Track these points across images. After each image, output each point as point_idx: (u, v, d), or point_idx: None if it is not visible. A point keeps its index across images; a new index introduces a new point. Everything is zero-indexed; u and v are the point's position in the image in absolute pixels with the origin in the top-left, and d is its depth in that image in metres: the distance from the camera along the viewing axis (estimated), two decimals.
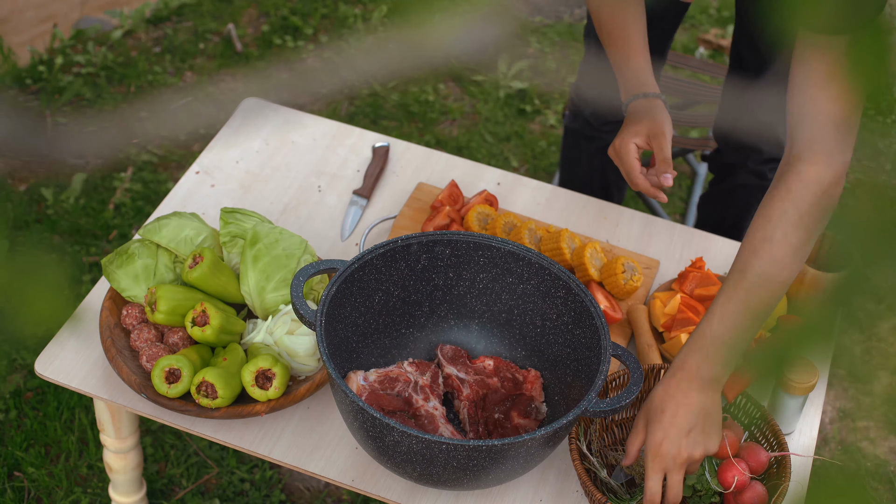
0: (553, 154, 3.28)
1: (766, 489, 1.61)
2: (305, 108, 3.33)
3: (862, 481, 2.48)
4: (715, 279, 1.86)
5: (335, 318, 1.62)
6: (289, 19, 3.65)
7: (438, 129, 3.33)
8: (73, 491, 2.35)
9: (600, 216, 2.08)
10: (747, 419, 1.70)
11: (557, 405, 1.69)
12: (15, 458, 2.40)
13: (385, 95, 3.41)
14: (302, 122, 2.22)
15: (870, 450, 2.57)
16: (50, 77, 3.36)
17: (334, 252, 1.98)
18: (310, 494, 2.39)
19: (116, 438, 1.89)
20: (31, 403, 2.50)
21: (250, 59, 3.51)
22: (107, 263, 1.78)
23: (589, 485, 1.56)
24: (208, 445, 2.44)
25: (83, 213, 2.96)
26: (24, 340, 2.61)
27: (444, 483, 1.53)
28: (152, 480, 2.37)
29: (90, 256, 2.84)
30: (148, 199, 3.01)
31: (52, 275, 0.76)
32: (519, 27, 3.71)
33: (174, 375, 1.63)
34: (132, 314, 1.76)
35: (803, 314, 0.90)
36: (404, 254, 1.69)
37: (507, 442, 1.44)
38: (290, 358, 1.70)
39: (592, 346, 1.60)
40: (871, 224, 0.68)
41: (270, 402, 1.65)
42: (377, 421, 1.45)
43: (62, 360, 1.77)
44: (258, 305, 1.76)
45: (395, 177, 2.13)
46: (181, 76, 3.43)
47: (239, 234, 1.81)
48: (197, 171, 2.10)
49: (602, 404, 1.52)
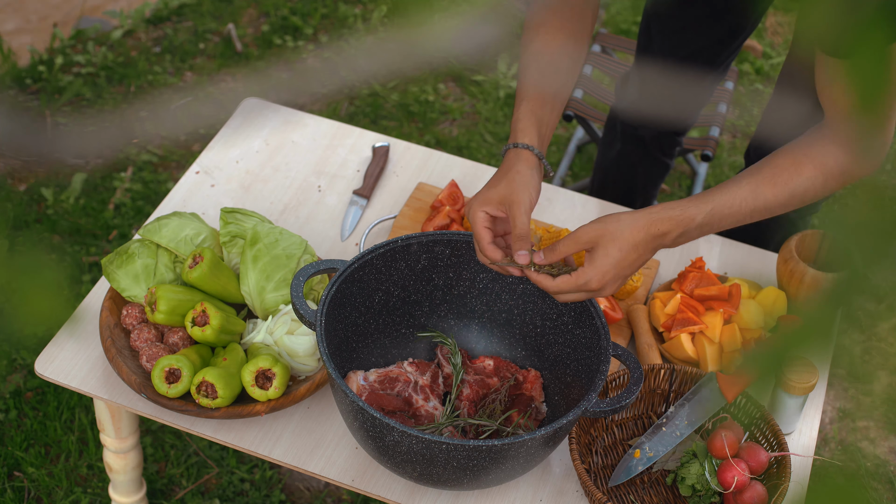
0: (553, 154, 3.28)
1: (766, 489, 1.61)
2: (305, 108, 3.33)
3: (862, 481, 2.48)
4: (715, 279, 1.87)
5: (335, 318, 1.62)
6: (289, 19, 3.65)
7: (438, 129, 3.33)
8: (73, 491, 2.35)
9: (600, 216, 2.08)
10: (747, 419, 1.70)
11: (557, 405, 1.69)
12: (15, 458, 2.40)
13: (385, 95, 3.41)
14: (302, 122, 2.22)
15: (870, 450, 2.57)
16: (50, 77, 3.36)
17: (334, 252, 1.98)
18: (310, 494, 2.38)
19: (116, 438, 1.89)
20: (31, 403, 2.50)
21: (250, 59, 3.51)
22: (107, 263, 1.78)
23: (589, 485, 1.56)
24: (208, 445, 2.44)
25: (83, 213, 2.96)
26: (24, 340, 2.61)
27: (444, 483, 1.53)
28: (152, 480, 2.37)
29: (90, 256, 2.84)
30: (148, 199, 3.01)
31: (52, 275, 0.76)
32: (519, 27, 3.71)
33: (174, 375, 1.63)
34: (132, 314, 1.76)
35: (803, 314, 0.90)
36: (404, 254, 1.69)
37: (507, 442, 1.44)
38: (290, 358, 1.70)
39: (592, 346, 1.60)
40: (871, 224, 0.68)
41: (270, 402, 1.65)
42: (377, 421, 1.45)
43: (62, 360, 1.77)
44: (258, 305, 1.76)
45: (395, 177, 2.13)
46: (181, 76, 3.43)
47: (239, 234, 1.81)
48: (197, 171, 2.10)
49: (602, 404, 1.52)
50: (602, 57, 2.99)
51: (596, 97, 2.88)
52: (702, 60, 2.23)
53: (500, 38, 3.64)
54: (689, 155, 3.22)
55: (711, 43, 2.20)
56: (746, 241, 2.11)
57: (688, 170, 3.27)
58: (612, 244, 1.47)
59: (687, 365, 1.78)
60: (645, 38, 2.29)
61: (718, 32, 2.18)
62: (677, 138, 2.51)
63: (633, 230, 1.47)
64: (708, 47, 2.21)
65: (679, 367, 1.72)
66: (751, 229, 2.00)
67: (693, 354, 1.80)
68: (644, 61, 2.31)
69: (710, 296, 1.85)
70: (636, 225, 1.47)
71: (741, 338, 1.80)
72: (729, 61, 2.27)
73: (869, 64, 0.59)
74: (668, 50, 2.23)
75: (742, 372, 1.66)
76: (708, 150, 2.72)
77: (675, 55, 2.22)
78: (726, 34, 2.19)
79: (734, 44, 2.22)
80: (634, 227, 1.47)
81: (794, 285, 1.85)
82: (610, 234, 1.47)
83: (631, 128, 2.48)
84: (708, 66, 2.24)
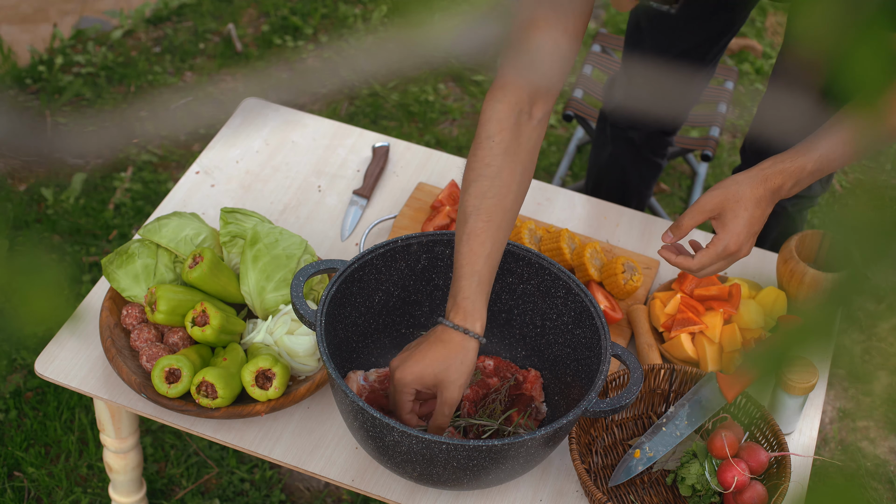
0: (553, 154, 3.28)
1: (766, 489, 1.61)
2: (305, 108, 3.33)
3: (862, 481, 2.48)
4: (715, 279, 1.87)
5: (335, 318, 1.62)
6: (289, 19, 3.65)
7: (438, 129, 3.33)
8: (73, 491, 2.35)
9: (600, 216, 2.08)
10: (747, 419, 1.70)
11: (557, 405, 1.69)
12: (15, 458, 2.40)
13: (385, 95, 3.41)
14: (302, 122, 2.22)
15: (870, 450, 2.57)
16: (50, 77, 3.36)
17: (334, 252, 1.98)
18: (310, 494, 2.38)
19: (116, 438, 1.89)
20: (31, 403, 2.50)
21: (250, 59, 3.51)
22: (107, 263, 1.78)
23: (589, 485, 1.56)
24: (208, 445, 2.44)
25: (83, 213, 2.96)
26: (24, 340, 2.61)
27: (444, 483, 1.53)
28: (152, 480, 2.37)
29: (90, 256, 2.84)
30: (148, 199, 3.01)
31: (52, 275, 0.76)
32: None
33: (174, 375, 1.63)
34: (132, 314, 1.76)
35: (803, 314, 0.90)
36: (404, 254, 1.69)
37: (507, 442, 1.44)
38: (290, 358, 1.70)
39: (592, 346, 1.60)
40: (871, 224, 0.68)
41: (270, 402, 1.65)
42: (377, 421, 1.45)
43: (62, 360, 1.77)
44: (258, 305, 1.76)
45: (395, 177, 2.13)
46: (181, 76, 3.43)
47: (239, 234, 1.81)
48: (197, 171, 2.10)
49: (602, 404, 1.52)
50: (602, 57, 2.99)
51: (596, 97, 2.88)
52: (691, 58, 2.22)
53: (500, 38, 3.64)
54: (689, 155, 3.22)
55: (702, 41, 2.20)
56: None
57: (688, 170, 3.27)
58: (738, 205, 1.54)
59: (687, 365, 1.78)
60: (634, 37, 2.27)
61: (710, 30, 2.18)
62: (668, 138, 2.50)
63: (753, 187, 1.54)
64: (698, 45, 2.21)
65: (679, 367, 1.72)
66: None
67: (693, 354, 1.80)
68: (632, 61, 2.31)
69: (710, 296, 1.85)
70: (754, 182, 1.55)
71: (741, 338, 1.80)
72: (717, 58, 2.26)
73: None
74: (659, 49, 2.23)
75: (742, 372, 1.66)
76: (708, 150, 2.72)
77: (665, 54, 2.22)
78: (717, 31, 2.19)
79: (722, 41, 2.22)
80: (753, 184, 1.55)
81: (794, 285, 1.85)
82: (733, 196, 1.55)
83: (620, 130, 2.47)
84: (697, 64, 2.24)
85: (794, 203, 2.29)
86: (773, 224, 2.33)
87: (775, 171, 1.57)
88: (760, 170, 1.57)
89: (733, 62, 3.63)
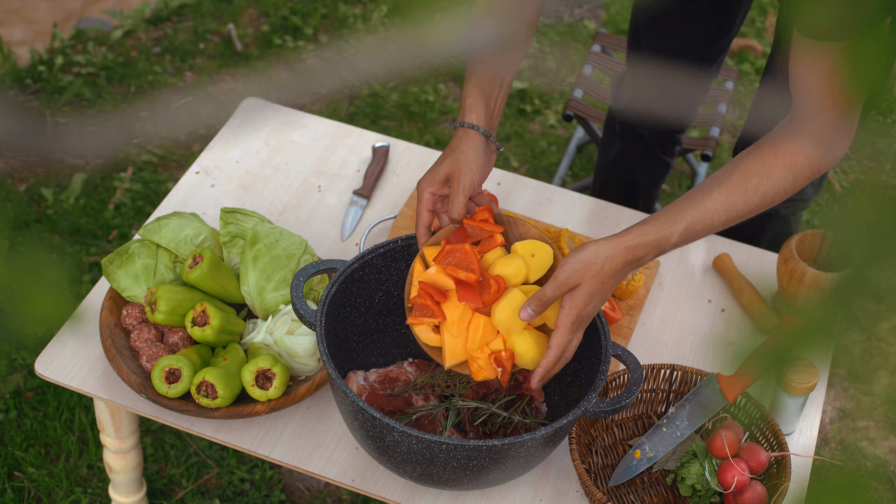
0: (553, 154, 3.28)
1: (766, 489, 1.61)
2: (305, 108, 3.33)
3: (862, 481, 2.48)
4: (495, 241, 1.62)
5: (335, 318, 1.62)
6: (289, 19, 3.65)
7: (438, 129, 3.33)
8: (73, 491, 2.35)
9: (600, 216, 2.08)
10: (747, 419, 1.70)
11: (557, 405, 1.69)
12: (15, 458, 2.40)
13: (385, 95, 3.41)
14: (302, 122, 2.22)
15: (870, 450, 2.57)
16: (50, 77, 3.36)
17: (334, 252, 1.98)
18: (310, 494, 2.38)
19: (116, 438, 1.89)
20: (31, 403, 2.50)
21: (250, 59, 3.51)
22: (107, 263, 1.78)
23: (589, 485, 1.56)
24: (208, 445, 2.44)
25: (83, 213, 2.96)
26: (24, 340, 2.61)
27: (444, 483, 1.53)
28: (152, 480, 2.37)
29: (90, 256, 2.84)
30: (148, 199, 3.01)
31: (52, 275, 0.76)
32: None
33: (174, 375, 1.63)
34: (132, 314, 1.76)
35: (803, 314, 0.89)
36: (404, 254, 1.69)
37: (507, 442, 1.44)
38: (290, 358, 1.70)
39: (592, 346, 1.60)
40: (871, 224, 0.68)
41: (270, 402, 1.65)
42: (377, 421, 1.45)
43: (62, 360, 1.77)
44: (258, 305, 1.76)
45: (395, 177, 2.13)
46: (181, 76, 3.43)
47: (239, 234, 1.81)
48: (197, 171, 2.10)
49: (602, 404, 1.52)
50: (602, 57, 2.99)
51: (596, 97, 2.88)
52: (692, 58, 2.23)
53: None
54: (689, 155, 3.22)
55: (699, 40, 2.20)
56: (738, 237, 2.11)
57: (688, 170, 3.27)
58: (594, 279, 1.50)
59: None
60: (634, 37, 2.29)
61: (705, 30, 2.18)
62: (676, 136, 2.51)
63: (612, 262, 1.50)
64: (696, 45, 2.21)
65: (679, 367, 1.73)
66: (745, 225, 2.00)
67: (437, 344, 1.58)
68: (635, 60, 2.31)
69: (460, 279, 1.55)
70: (615, 257, 1.50)
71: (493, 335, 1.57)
72: (722, 57, 2.26)
73: (868, 42, 0.59)
74: (656, 48, 2.24)
75: (743, 372, 1.66)
76: (708, 150, 2.72)
77: (663, 53, 2.23)
78: (714, 31, 2.19)
79: (724, 40, 2.21)
80: (613, 259, 1.50)
81: (794, 285, 1.85)
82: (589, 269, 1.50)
83: (630, 127, 2.48)
84: (699, 63, 2.24)
85: (787, 206, 2.30)
86: (766, 227, 2.33)
87: (639, 243, 1.51)
88: (623, 241, 1.51)
89: (733, 62, 3.63)
